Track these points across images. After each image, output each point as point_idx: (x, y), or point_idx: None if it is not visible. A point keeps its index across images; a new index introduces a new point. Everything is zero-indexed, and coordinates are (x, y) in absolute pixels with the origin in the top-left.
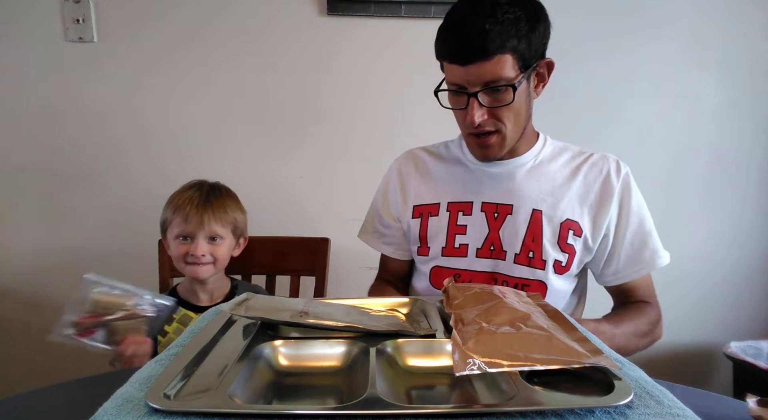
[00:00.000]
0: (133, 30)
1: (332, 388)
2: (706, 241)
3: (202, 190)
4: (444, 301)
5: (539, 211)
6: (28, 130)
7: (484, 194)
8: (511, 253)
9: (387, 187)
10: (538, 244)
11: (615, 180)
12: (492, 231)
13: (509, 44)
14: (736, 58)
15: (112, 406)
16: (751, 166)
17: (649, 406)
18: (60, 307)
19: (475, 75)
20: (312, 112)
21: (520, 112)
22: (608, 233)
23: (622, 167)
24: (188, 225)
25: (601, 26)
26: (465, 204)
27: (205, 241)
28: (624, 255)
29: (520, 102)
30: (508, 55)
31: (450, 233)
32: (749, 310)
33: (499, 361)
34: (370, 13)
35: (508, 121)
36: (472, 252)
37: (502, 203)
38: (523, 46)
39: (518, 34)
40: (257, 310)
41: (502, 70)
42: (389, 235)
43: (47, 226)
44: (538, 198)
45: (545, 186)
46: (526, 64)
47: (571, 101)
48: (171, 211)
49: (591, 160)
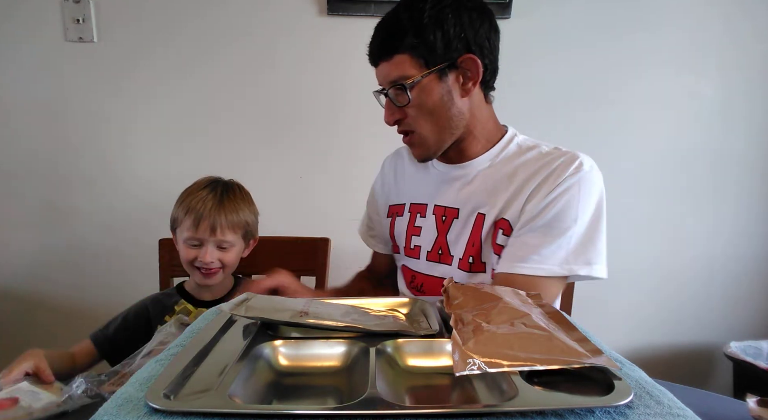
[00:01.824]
0: (133, 30)
1: (332, 388)
2: (706, 241)
3: (216, 191)
4: (444, 301)
5: (482, 214)
6: (28, 130)
7: (438, 197)
8: (456, 259)
9: (374, 186)
10: (477, 248)
11: (559, 174)
12: (440, 235)
13: (406, 43)
14: (736, 58)
15: (112, 406)
16: (752, 166)
17: (649, 406)
18: (59, 307)
19: (382, 75)
20: (312, 112)
21: (434, 112)
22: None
23: (577, 164)
24: (198, 231)
25: (601, 26)
26: (421, 206)
27: (215, 247)
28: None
29: (430, 102)
30: (406, 55)
31: (408, 234)
32: (749, 310)
33: (499, 361)
34: (370, 13)
35: (423, 121)
36: (423, 255)
37: (450, 206)
38: (423, 44)
39: (418, 32)
40: (257, 310)
41: (400, 69)
42: (373, 227)
43: (47, 226)
44: (482, 201)
45: (492, 188)
46: (430, 61)
47: (570, 101)
48: (183, 211)
49: (551, 156)
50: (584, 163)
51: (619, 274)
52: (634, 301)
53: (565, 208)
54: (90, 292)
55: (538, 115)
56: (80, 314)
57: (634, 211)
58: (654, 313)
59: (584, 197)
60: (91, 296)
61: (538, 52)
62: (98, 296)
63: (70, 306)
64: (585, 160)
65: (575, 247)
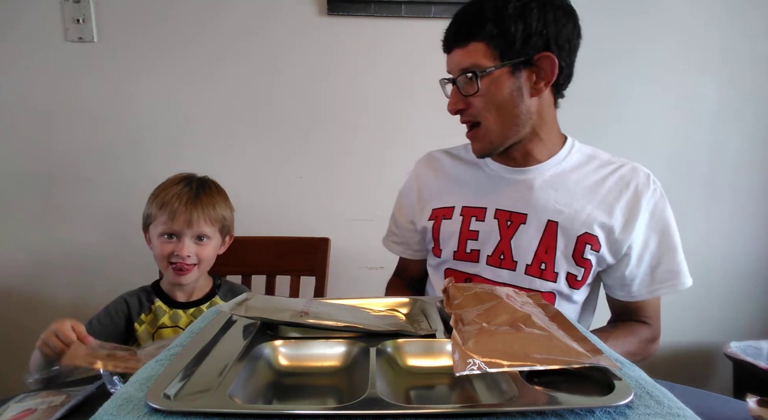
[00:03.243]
0: (133, 30)
1: (332, 388)
2: (706, 240)
3: (192, 185)
4: (444, 301)
5: (555, 222)
6: (28, 130)
7: (498, 201)
8: (522, 264)
9: (404, 190)
10: (551, 256)
11: (643, 197)
12: (503, 239)
13: (485, 31)
14: (736, 59)
15: (112, 406)
16: (751, 166)
17: (649, 406)
18: (59, 307)
19: (454, 62)
20: (311, 112)
21: (502, 106)
22: (630, 253)
23: (652, 183)
24: (175, 223)
25: (601, 26)
26: (479, 209)
27: (192, 241)
28: (642, 275)
29: (499, 95)
30: (482, 43)
31: (462, 238)
32: (749, 310)
33: (499, 361)
34: (370, 13)
35: (487, 113)
36: (482, 258)
37: (516, 212)
38: (502, 35)
39: (498, 21)
40: (257, 310)
41: (474, 57)
42: (399, 234)
43: (46, 226)
44: (554, 209)
45: (564, 196)
46: (506, 54)
47: (570, 101)
48: (157, 206)
49: (619, 172)
50: (651, 175)
51: None
52: None
53: (667, 226)
54: (90, 292)
55: None
56: (80, 314)
57: None
58: None
59: (669, 210)
60: (90, 296)
61: None
62: (98, 296)
63: (70, 306)
64: (651, 174)
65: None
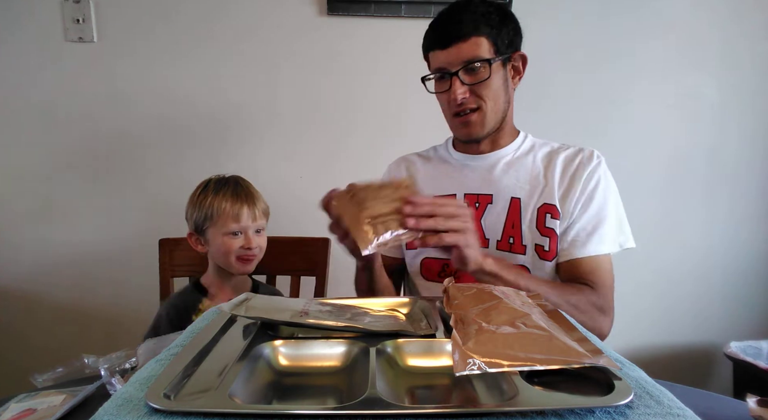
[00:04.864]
0: (133, 30)
1: (332, 388)
2: (705, 240)
3: (238, 185)
4: (444, 301)
5: (518, 198)
6: (28, 130)
7: (466, 185)
8: (494, 241)
9: None
10: (518, 230)
11: (585, 167)
12: (474, 220)
13: (483, 29)
14: (736, 58)
15: (112, 406)
16: (751, 166)
17: (649, 406)
18: (59, 307)
19: (454, 55)
20: (312, 112)
21: (498, 94)
22: (572, 214)
23: (595, 158)
24: (242, 221)
25: (601, 26)
26: (449, 196)
27: (255, 233)
28: (573, 234)
29: (497, 84)
30: (483, 38)
31: None
32: (749, 310)
33: (499, 361)
34: (370, 13)
35: (488, 99)
36: None
37: (482, 193)
38: (495, 33)
39: (490, 23)
40: (257, 310)
41: (478, 50)
42: None
43: (47, 226)
44: (516, 186)
45: (523, 176)
46: (500, 50)
47: (571, 101)
48: (216, 209)
49: (567, 151)
50: (596, 153)
51: (618, 273)
52: (634, 301)
53: (605, 196)
54: (90, 292)
55: (538, 114)
56: (80, 314)
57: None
58: (654, 313)
59: (611, 182)
60: (91, 296)
61: (538, 52)
62: (98, 296)
63: (70, 306)
64: (595, 151)
65: (618, 225)
